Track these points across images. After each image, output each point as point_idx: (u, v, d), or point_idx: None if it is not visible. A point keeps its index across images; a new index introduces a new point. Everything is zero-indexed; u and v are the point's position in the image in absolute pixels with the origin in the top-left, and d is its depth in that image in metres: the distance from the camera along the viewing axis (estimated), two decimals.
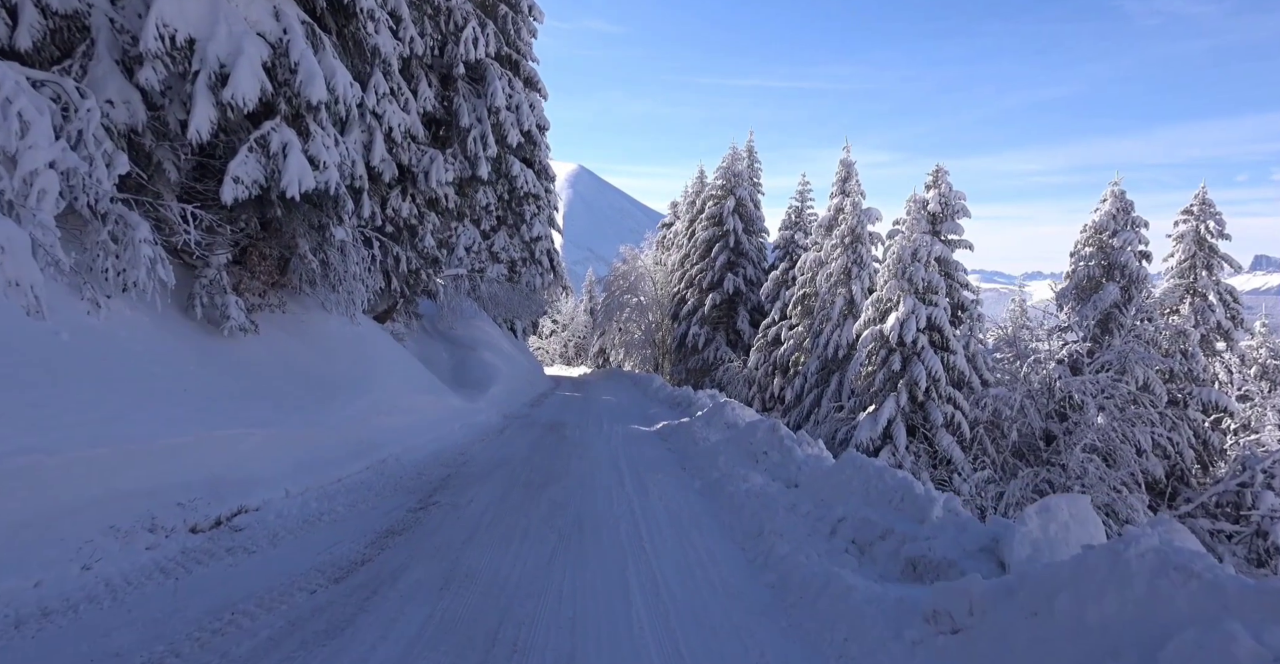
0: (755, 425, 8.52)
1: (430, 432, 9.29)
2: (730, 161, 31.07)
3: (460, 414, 11.18)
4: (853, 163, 22.90)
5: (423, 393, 10.00)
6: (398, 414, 8.70)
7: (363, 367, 8.53)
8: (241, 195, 5.91)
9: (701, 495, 7.20)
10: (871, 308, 18.71)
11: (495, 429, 11.48)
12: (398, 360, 9.95)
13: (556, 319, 48.49)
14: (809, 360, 22.58)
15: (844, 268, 21.25)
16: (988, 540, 4.14)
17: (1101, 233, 18.31)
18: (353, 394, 7.84)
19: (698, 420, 11.36)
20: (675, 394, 17.58)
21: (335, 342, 8.41)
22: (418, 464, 7.86)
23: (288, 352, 7.44)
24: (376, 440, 7.86)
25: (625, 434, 12.41)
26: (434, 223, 13.34)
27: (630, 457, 9.62)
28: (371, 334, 9.55)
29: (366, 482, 6.78)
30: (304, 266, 7.72)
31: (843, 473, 5.85)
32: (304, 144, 6.45)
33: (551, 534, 5.47)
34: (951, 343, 17.74)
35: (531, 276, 25.95)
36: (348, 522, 5.44)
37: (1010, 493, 16.62)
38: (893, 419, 17.61)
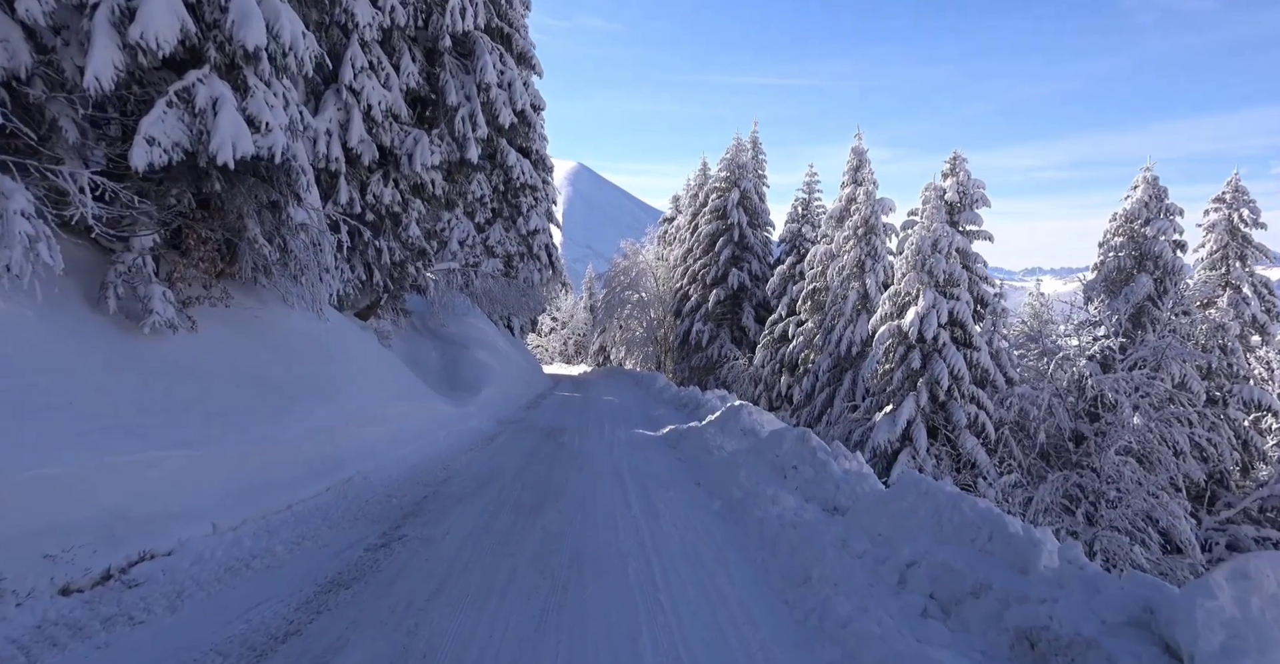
0: (781, 435, 7.35)
1: (411, 443, 8.13)
2: (734, 153, 29.89)
3: (447, 421, 10.02)
4: (865, 151, 21.72)
5: (403, 398, 8.83)
6: (371, 424, 7.54)
7: (330, 369, 7.38)
8: (159, 160, 4.76)
9: (723, 520, 6.04)
10: (888, 302, 17.55)
11: (486, 437, 10.32)
12: (375, 362, 8.79)
13: (556, 317, 47.33)
14: (820, 358, 21.41)
15: (857, 260, 20.07)
16: (1138, 610, 2.98)
17: (1133, 221, 17.13)
18: (315, 402, 6.69)
19: (710, 426, 10.20)
20: (681, 394, 16.42)
21: (297, 341, 7.26)
22: (390, 483, 6.70)
23: (235, 353, 6.28)
24: (343, 456, 6.70)
25: (629, 440, 11.26)
26: (420, 211, 12.17)
27: (636, 468, 8.46)
28: (343, 332, 8.39)
29: (323, 508, 5.62)
30: (254, 253, 6.56)
31: (902, 500, 4.69)
32: (241, 101, 5.29)
33: (543, 581, 4.31)
34: (975, 339, 16.58)
35: (529, 272, 24.81)
36: (285, 567, 4.28)
37: (1039, 498, 15.47)
38: (912, 420, 16.46)
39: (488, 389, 13.94)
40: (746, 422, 9.59)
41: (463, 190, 14.10)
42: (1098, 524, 14.77)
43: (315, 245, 8.21)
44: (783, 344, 26.76)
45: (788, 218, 28.59)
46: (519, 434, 11.10)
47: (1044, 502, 15.39)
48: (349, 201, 11.02)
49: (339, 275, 11.49)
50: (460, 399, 11.91)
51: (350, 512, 5.62)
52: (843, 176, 21.99)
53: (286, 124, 5.71)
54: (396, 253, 11.91)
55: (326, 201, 10.93)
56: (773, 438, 7.48)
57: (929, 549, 4.12)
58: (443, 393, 12.09)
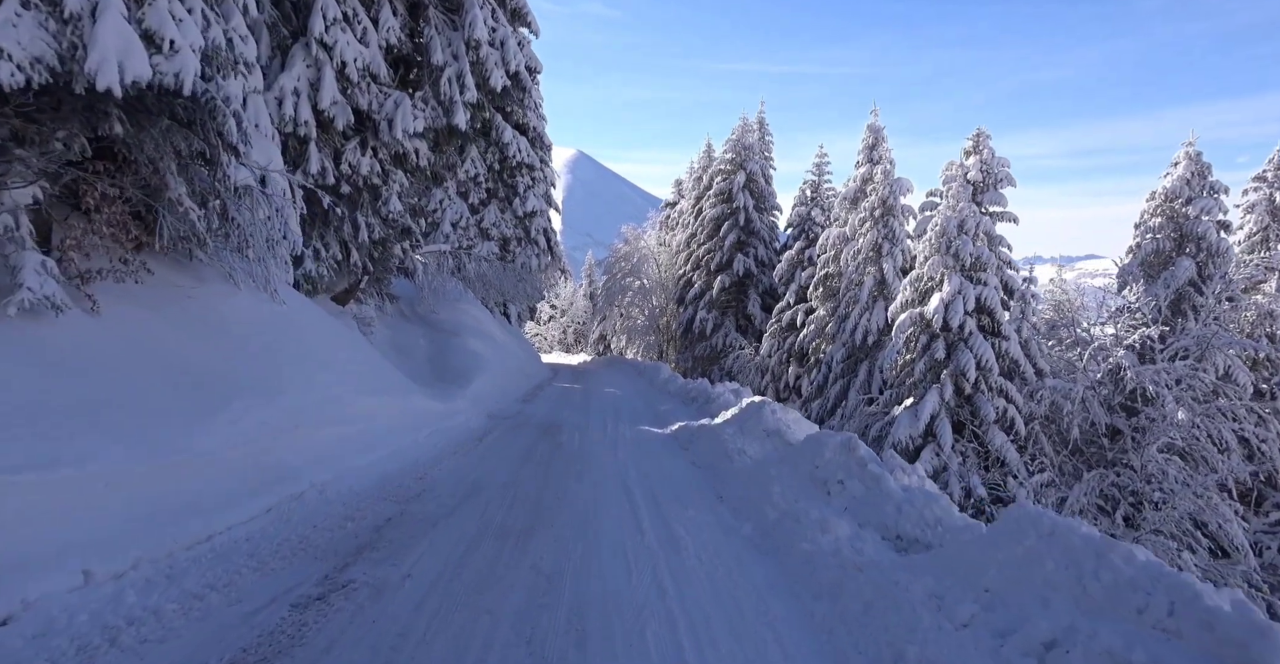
0: (819, 442, 6.11)
1: (384, 446, 6.89)
2: (740, 134, 28.51)
3: (431, 418, 8.78)
4: (881, 128, 20.37)
5: (377, 393, 7.59)
6: (333, 425, 6.30)
7: (280, 361, 6.13)
8: (11, 80, 3.50)
9: (760, 552, 4.80)
10: (909, 288, 16.29)
11: (475, 436, 9.09)
12: (343, 351, 7.54)
13: (555, 304, 46.05)
14: (832, 348, 20.18)
15: (874, 244, 18.78)
16: None
17: (1173, 201, 15.83)
18: (256, 400, 5.44)
19: (727, 425, 8.96)
20: (689, 387, 15.19)
21: (240, 327, 6.01)
22: (350, 499, 5.46)
23: (153, 341, 5.04)
24: (292, 465, 5.47)
25: (635, 439, 10.04)
26: (402, 184, 10.87)
27: (645, 476, 7.23)
28: (305, 317, 7.14)
29: (255, 538, 4.39)
30: (178, 219, 5.27)
31: (1017, 543, 3.44)
32: (135, 8, 4.01)
33: (529, 662, 3.09)
34: (1003, 327, 15.34)
35: (527, 258, 23.52)
36: (169, 642, 3.05)
37: (1074, 499, 14.29)
38: (936, 414, 15.24)
39: (479, 381, 12.71)
40: (770, 421, 8.35)
41: (451, 163, 12.79)
42: (1140, 527, 13.62)
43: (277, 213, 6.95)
44: (791, 333, 25.55)
45: (795, 201, 27.28)
46: (512, 432, 9.87)
47: (1079, 503, 14.22)
48: (320, 171, 9.72)
49: (311, 254, 10.24)
50: (447, 392, 10.66)
51: (289, 543, 4.38)
52: (857, 156, 20.66)
53: (203, 47, 4.42)
54: (376, 230, 10.62)
55: (296, 170, 9.64)
56: (810, 445, 6.24)
57: (1073, 622, 2.88)
58: (428, 385, 10.85)
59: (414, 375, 11.49)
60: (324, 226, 10.35)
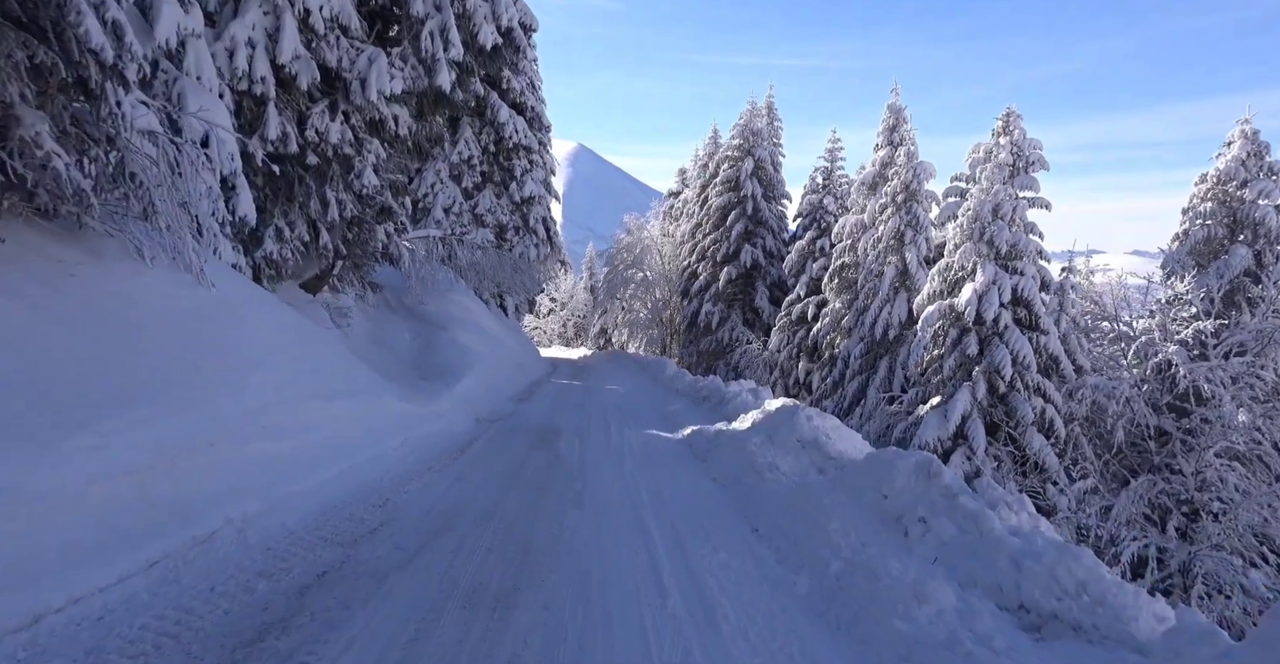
0: (888, 464, 4.72)
1: (338, 462, 5.53)
2: (748, 118, 27.05)
3: (405, 424, 7.41)
4: (902, 108, 18.93)
5: (335, 396, 6.21)
6: (268, 439, 4.93)
7: (200, 358, 4.76)
8: None
9: (832, 631, 3.43)
10: (937, 278, 14.91)
11: (457, 445, 7.72)
12: (293, 345, 6.16)
13: (555, 297, 44.65)
14: (848, 342, 18.81)
15: (895, 231, 17.38)
16: None
17: (1226, 184, 14.43)
18: (155, 410, 4.08)
19: (752, 433, 7.59)
20: (700, 385, 13.82)
21: (147, 315, 4.65)
22: (278, 542, 4.11)
23: None
24: (204, 496, 4.11)
25: (644, 447, 8.67)
26: (378, 155, 9.47)
27: (661, 500, 5.87)
28: (239, 303, 5.76)
29: (112, 616, 3.02)
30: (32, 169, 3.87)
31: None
32: None
33: None
34: (1042, 320, 13.97)
35: (525, 247, 22.12)
36: None
37: (1120, 508, 12.94)
38: (968, 415, 13.90)
39: (469, 378, 11.34)
40: (805, 430, 6.98)
41: (437, 134, 11.37)
42: (1196, 541, 12.31)
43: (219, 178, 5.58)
44: (801, 327, 24.18)
45: (806, 189, 25.84)
46: (502, 439, 8.51)
47: (1126, 511, 12.88)
48: (281, 137, 8.32)
49: (273, 234, 8.86)
50: (430, 392, 9.29)
51: (158, 626, 3.01)
52: (876, 138, 19.23)
53: None
54: (349, 207, 9.23)
55: (252, 134, 8.24)
56: (873, 467, 4.85)
57: None
58: (408, 384, 9.48)
59: (394, 373, 10.14)
60: (288, 202, 8.96)
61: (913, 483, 4.38)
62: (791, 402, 8.69)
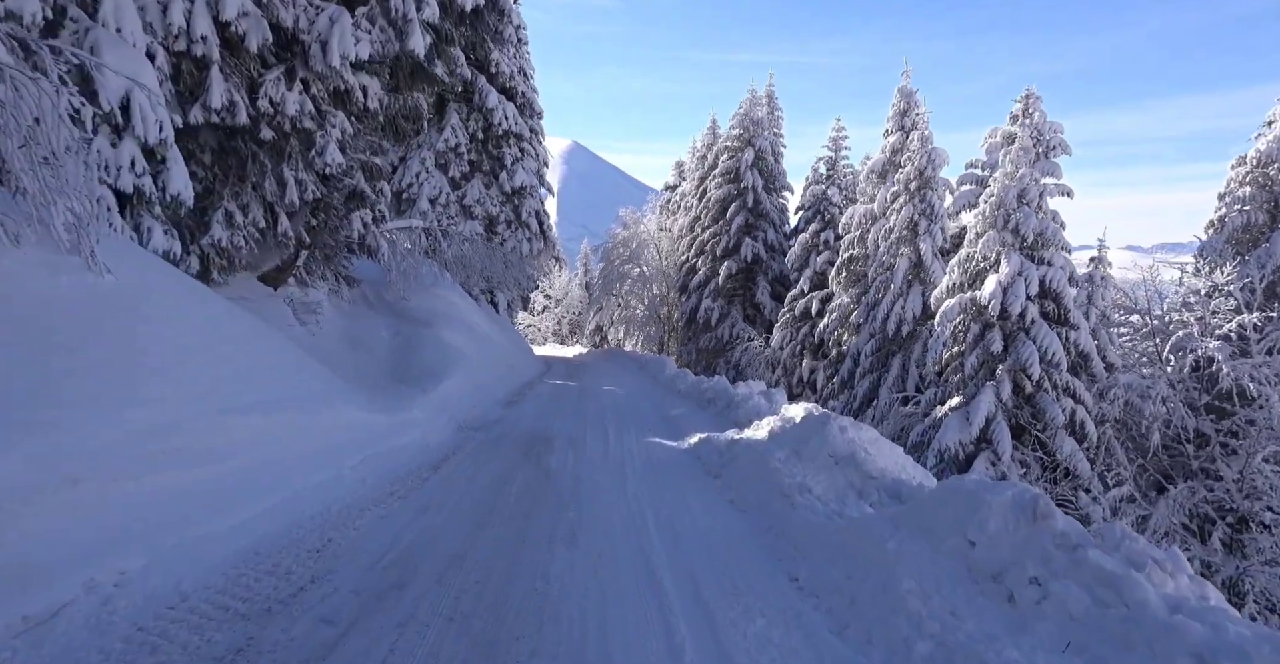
0: (968, 498, 3.59)
1: (270, 492, 4.41)
2: (748, 107, 25.92)
3: (366, 437, 6.29)
4: (914, 92, 17.84)
5: (271, 409, 5.06)
6: (168, 467, 3.79)
7: (77, 364, 3.64)
8: None
9: None
10: (957, 270, 13.82)
11: (430, 461, 6.60)
12: (216, 346, 5.01)
13: (549, 294, 43.47)
14: (857, 339, 17.73)
15: (908, 221, 16.29)
16: None
17: (1267, 166, 13.40)
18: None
19: (774, 447, 6.47)
20: (703, 386, 12.71)
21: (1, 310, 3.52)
22: (156, 616, 2.99)
23: None
24: (60, 550, 2.99)
25: (647, 461, 7.56)
26: (345, 131, 8.31)
27: (673, 534, 4.76)
28: (145, 293, 4.60)
29: None
30: None
31: None
32: None
33: None
34: (1072, 314, 12.90)
35: (518, 242, 20.94)
36: None
37: (1159, 517, 11.91)
38: (992, 417, 12.83)
39: (452, 380, 10.22)
40: (840, 444, 5.88)
41: (415, 112, 10.22)
42: (1246, 555, 11.29)
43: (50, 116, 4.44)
44: (805, 323, 23.12)
45: (809, 180, 24.76)
46: (485, 451, 7.39)
47: (1165, 522, 11.84)
48: (227, 105, 7.16)
49: (221, 218, 7.71)
50: (403, 398, 8.16)
51: None
52: (885, 124, 18.14)
53: None
54: (310, 188, 8.07)
55: (193, 102, 7.10)
56: (950, 501, 3.73)
57: None
58: (380, 388, 8.35)
59: (367, 375, 9.01)
60: (239, 182, 7.81)
61: (1011, 527, 3.28)
62: (819, 409, 7.59)
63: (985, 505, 3.40)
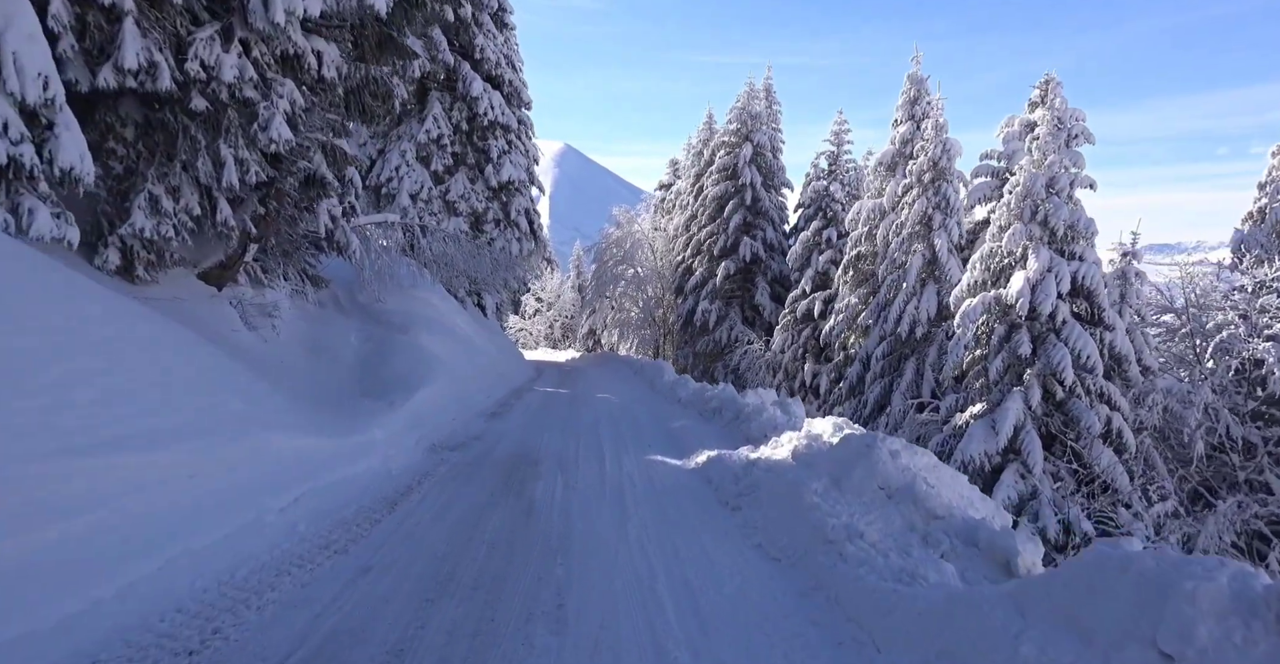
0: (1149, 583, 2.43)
1: (154, 552, 3.19)
2: (746, 101, 24.82)
3: (308, 466, 5.07)
4: (925, 78, 16.73)
5: (157, 443, 3.79)
6: None
7: None
8: None
9: None
10: (979, 266, 12.70)
11: (387, 496, 5.38)
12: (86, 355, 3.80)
13: (540, 297, 42.24)
14: (867, 342, 16.59)
15: (922, 215, 15.17)
16: None
17: None
18: None
19: (806, 475, 5.27)
20: (706, 394, 11.52)
21: None
22: None
23: None
24: None
25: (650, 487, 6.37)
26: (295, 102, 7.08)
27: (696, 606, 3.55)
28: None
29: None
30: None
31: None
32: None
33: None
34: (1106, 314, 11.79)
35: (507, 241, 19.70)
36: None
37: (1207, 535, 10.81)
38: (1020, 425, 11.69)
39: (428, 390, 9.01)
40: (892, 474, 4.70)
41: (385, 89, 9.00)
42: None
43: None
44: (807, 325, 22.00)
45: (810, 176, 23.68)
46: (458, 480, 6.18)
47: (1213, 540, 10.74)
48: (145, 67, 5.93)
49: (146, 203, 6.48)
50: (361, 416, 6.93)
51: None
52: (895, 113, 17.03)
53: None
54: (254, 169, 6.84)
55: (103, 62, 5.87)
56: (1107, 579, 2.55)
57: None
58: (336, 404, 7.13)
59: (325, 388, 7.79)
60: (166, 161, 6.58)
61: (1238, 635, 2.10)
62: (850, 424, 6.45)
63: (1183, 597, 2.22)
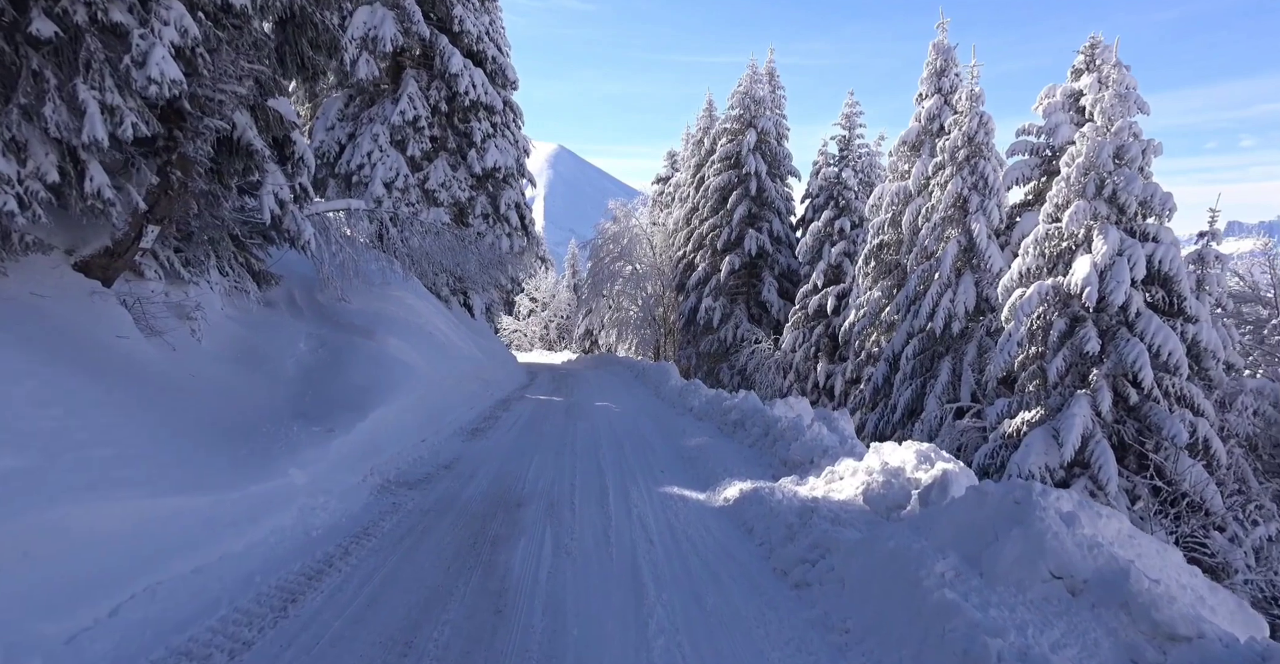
0: None
1: None
2: (748, 85, 23.04)
3: (172, 542, 3.26)
4: (952, 47, 14.98)
5: None
6: None
7: None
8: None
9: None
10: (1032, 251, 10.93)
11: (290, 580, 3.57)
12: None
13: (535, 297, 40.39)
14: (894, 339, 14.81)
15: (956, 197, 13.39)
16: None
17: None
18: None
19: (910, 536, 3.46)
20: (724, 404, 9.71)
21: None
22: None
23: None
24: None
25: (673, 544, 4.58)
26: (187, 32, 5.24)
27: None
28: None
29: None
30: None
31: None
32: None
33: None
34: (1188, 304, 10.04)
35: (496, 237, 17.87)
36: None
37: None
38: (1089, 434, 9.94)
39: (389, 408, 7.22)
40: (1071, 552, 2.89)
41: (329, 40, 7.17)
42: None
43: None
44: (819, 321, 20.27)
45: (819, 164, 21.93)
46: (405, 541, 4.37)
47: None
48: None
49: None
50: (279, 451, 5.11)
51: None
52: (920, 86, 15.27)
53: None
54: (129, 121, 5.01)
55: None
56: None
57: None
58: (250, 433, 5.31)
59: (242, 412, 5.96)
60: (1, 103, 4.75)
61: None
62: (950, 460, 4.70)
63: None
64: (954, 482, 4.20)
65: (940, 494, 4.16)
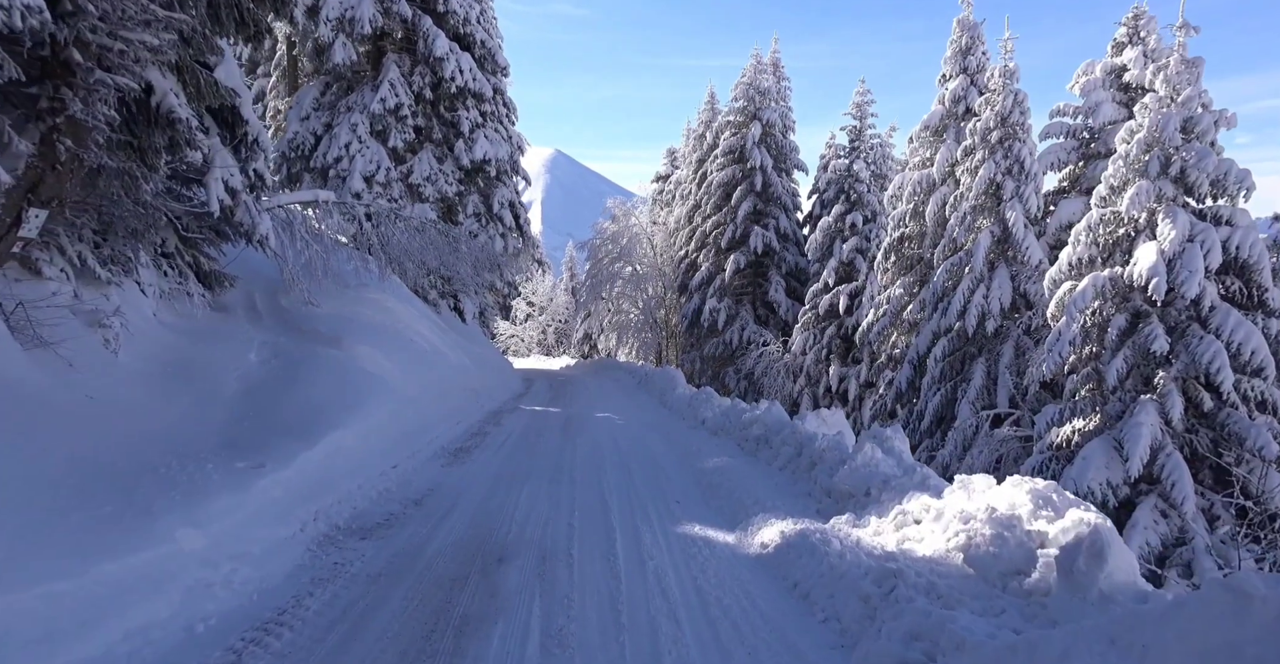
0: None
1: None
2: (752, 76, 21.82)
3: None
4: (978, 24, 13.76)
5: None
6: None
7: None
8: None
9: None
10: (1084, 239, 9.66)
11: None
12: None
13: (532, 301, 39.10)
14: (919, 340, 13.53)
15: (989, 183, 12.12)
16: None
17: None
18: None
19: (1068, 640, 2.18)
20: (743, 416, 8.41)
21: None
22: None
23: None
24: None
25: (705, 622, 3.28)
26: None
27: None
28: None
29: None
30: None
31: None
32: None
33: None
34: (1270, 295, 8.78)
35: (489, 237, 16.59)
36: None
37: None
38: (1159, 445, 8.65)
39: (348, 430, 5.93)
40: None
41: None
42: None
43: None
44: (830, 322, 19.01)
45: (828, 156, 20.71)
46: (331, 634, 3.06)
47: None
48: None
49: None
50: (174, 501, 3.80)
51: None
52: (944, 67, 14.03)
53: None
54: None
55: None
56: None
57: None
58: (140, 475, 4.01)
59: (155, 443, 4.67)
60: None
61: None
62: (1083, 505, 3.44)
63: None
64: (1109, 545, 2.91)
65: (1092, 563, 2.88)
